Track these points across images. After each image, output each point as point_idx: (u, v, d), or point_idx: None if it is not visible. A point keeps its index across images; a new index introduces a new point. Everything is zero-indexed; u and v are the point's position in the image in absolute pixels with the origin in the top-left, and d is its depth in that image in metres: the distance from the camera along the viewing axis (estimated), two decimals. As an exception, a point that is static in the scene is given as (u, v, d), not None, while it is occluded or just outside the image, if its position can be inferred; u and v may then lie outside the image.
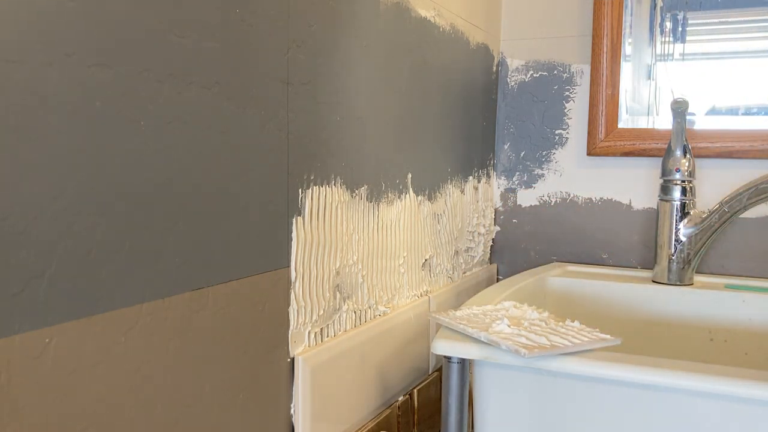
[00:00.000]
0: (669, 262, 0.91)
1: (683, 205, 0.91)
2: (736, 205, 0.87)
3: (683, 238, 0.91)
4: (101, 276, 0.40)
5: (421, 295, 0.84)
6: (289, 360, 0.58)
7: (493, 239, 1.13)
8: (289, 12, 0.56)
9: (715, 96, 0.99)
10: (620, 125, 1.03)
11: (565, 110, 1.08)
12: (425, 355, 0.84)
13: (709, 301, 0.89)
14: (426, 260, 0.85)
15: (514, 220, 1.12)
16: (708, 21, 0.98)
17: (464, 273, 0.99)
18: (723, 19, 0.98)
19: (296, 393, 0.59)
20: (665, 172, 0.91)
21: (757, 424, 0.52)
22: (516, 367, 0.59)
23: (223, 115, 0.49)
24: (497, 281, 1.12)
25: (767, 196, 0.85)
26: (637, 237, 1.05)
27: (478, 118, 1.03)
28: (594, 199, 1.07)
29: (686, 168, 0.90)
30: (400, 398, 0.77)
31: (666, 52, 1.01)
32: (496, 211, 1.13)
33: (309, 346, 0.61)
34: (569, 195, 1.09)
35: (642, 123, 1.03)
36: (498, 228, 1.13)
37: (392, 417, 0.75)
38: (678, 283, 0.91)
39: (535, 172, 1.10)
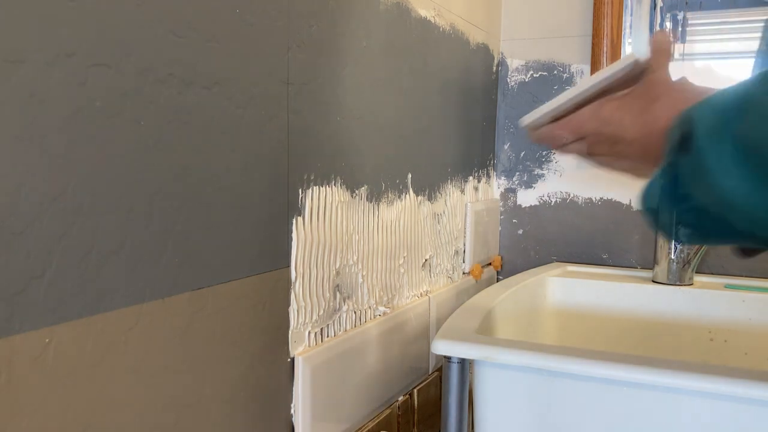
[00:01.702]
0: (669, 262, 0.91)
1: (683, 205, 0.91)
2: (736, 205, 0.87)
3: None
4: (101, 276, 0.40)
5: (421, 295, 0.84)
6: (289, 360, 0.58)
7: (493, 239, 1.13)
8: (289, 12, 0.56)
9: (715, 96, 0.98)
10: (620, 125, 1.03)
11: (565, 110, 1.08)
12: (425, 355, 0.84)
13: (709, 301, 0.89)
14: (426, 260, 0.85)
15: (514, 220, 1.12)
16: (708, 21, 0.98)
17: (464, 273, 0.99)
18: (723, 19, 0.98)
19: (296, 393, 0.59)
20: (665, 172, 0.91)
21: (755, 424, 0.52)
22: (516, 367, 0.59)
23: (223, 115, 0.49)
24: (497, 281, 1.12)
25: (767, 196, 0.85)
26: (637, 237, 1.05)
27: (478, 118, 1.03)
28: (594, 199, 1.07)
29: (686, 168, 0.90)
30: (400, 398, 0.77)
31: (666, 52, 1.01)
32: (496, 211, 1.13)
33: (309, 346, 0.61)
34: (569, 195, 1.09)
35: (642, 123, 1.02)
36: (498, 228, 1.13)
37: (392, 417, 0.75)
38: (678, 283, 0.91)
39: (535, 172, 1.10)
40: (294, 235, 0.58)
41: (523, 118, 0.60)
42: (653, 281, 0.93)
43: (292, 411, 0.59)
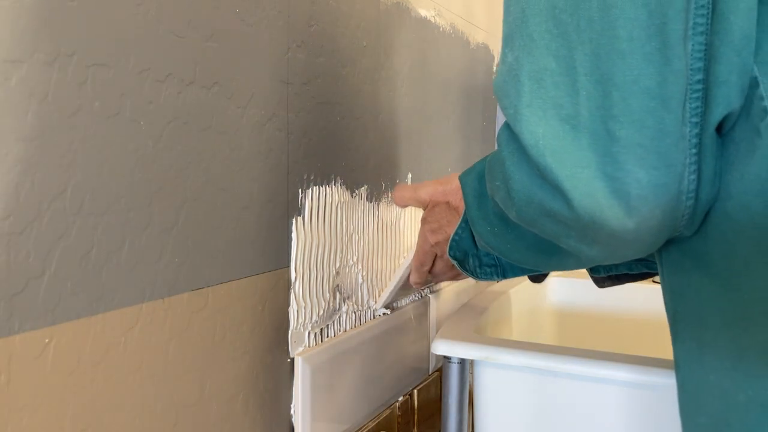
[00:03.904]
0: (669, 262, 0.91)
1: (683, 205, 0.90)
2: (736, 205, 0.87)
3: (683, 238, 0.90)
4: (101, 276, 0.40)
5: (421, 296, 0.84)
6: (289, 360, 0.58)
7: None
8: (289, 12, 0.56)
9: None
10: (620, 125, 1.03)
11: (565, 110, 1.08)
12: (425, 355, 0.84)
13: (709, 301, 0.88)
14: (426, 260, 0.85)
15: (514, 220, 1.12)
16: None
17: (464, 273, 0.99)
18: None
19: (296, 393, 0.59)
20: (665, 172, 0.91)
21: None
22: (515, 367, 0.59)
23: (223, 115, 0.49)
24: (497, 281, 1.12)
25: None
26: (637, 237, 1.04)
27: (478, 118, 1.03)
28: (594, 199, 1.07)
29: (686, 168, 0.90)
30: (400, 398, 0.77)
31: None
32: (496, 211, 1.13)
33: (309, 346, 0.61)
34: (569, 195, 1.08)
35: (642, 123, 1.02)
36: (498, 228, 1.13)
37: (392, 417, 0.75)
38: (678, 283, 0.91)
39: (535, 172, 1.10)
40: (294, 235, 0.58)
41: (378, 303, 0.72)
42: (653, 281, 0.93)
43: (292, 411, 0.59)
